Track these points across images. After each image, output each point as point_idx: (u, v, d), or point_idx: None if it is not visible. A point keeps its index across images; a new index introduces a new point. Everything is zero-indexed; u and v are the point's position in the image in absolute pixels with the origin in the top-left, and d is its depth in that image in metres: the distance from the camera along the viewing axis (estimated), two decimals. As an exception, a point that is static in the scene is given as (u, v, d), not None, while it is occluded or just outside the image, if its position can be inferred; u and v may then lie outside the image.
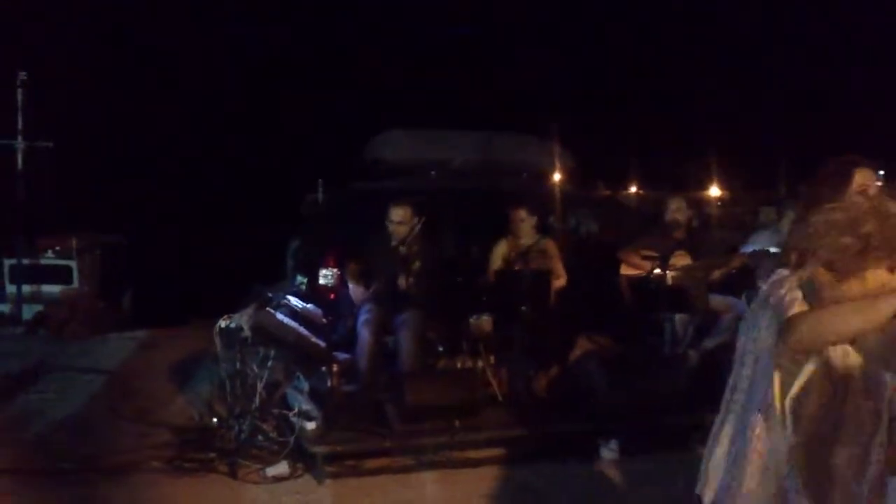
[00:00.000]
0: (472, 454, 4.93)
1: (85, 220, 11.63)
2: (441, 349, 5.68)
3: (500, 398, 5.42)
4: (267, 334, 4.92)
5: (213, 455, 4.75)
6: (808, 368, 1.90)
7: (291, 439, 4.71)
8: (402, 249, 5.55)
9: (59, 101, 12.96)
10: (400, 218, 5.61)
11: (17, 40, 12.17)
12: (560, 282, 6.13)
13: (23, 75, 9.87)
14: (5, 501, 4.25)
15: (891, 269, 1.89)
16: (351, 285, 5.68)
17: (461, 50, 17.09)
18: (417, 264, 5.57)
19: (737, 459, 2.02)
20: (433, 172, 7.31)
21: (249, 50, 16.38)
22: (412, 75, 16.56)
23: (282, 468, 4.61)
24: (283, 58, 16.74)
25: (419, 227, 5.62)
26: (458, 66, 16.81)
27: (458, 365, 5.63)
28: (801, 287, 1.95)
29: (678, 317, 5.88)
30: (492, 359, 5.63)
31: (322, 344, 5.19)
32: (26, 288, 10.01)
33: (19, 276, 9.95)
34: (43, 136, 10.29)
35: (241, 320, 4.85)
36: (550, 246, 6.25)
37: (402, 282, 5.49)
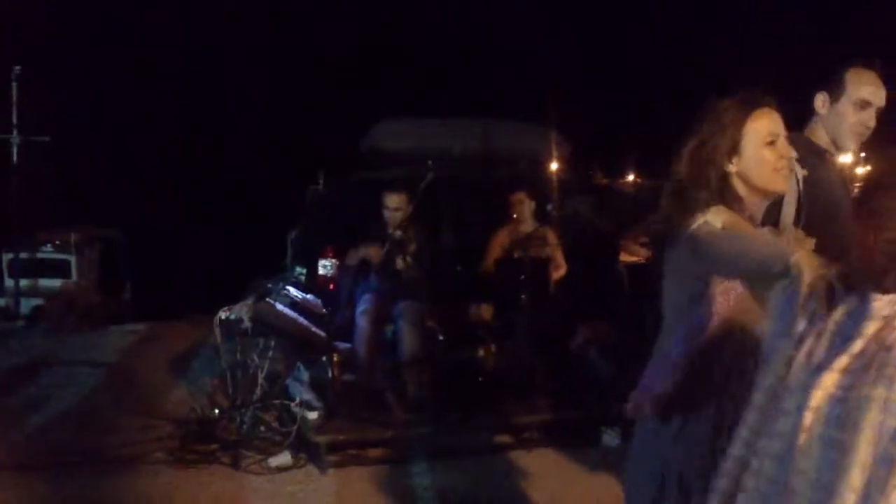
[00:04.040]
0: (473, 442, 4.94)
1: (83, 213, 11.61)
2: (441, 338, 5.69)
3: (500, 386, 5.43)
4: (267, 325, 4.93)
5: (215, 446, 4.76)
6: None
7: (293, 429, 4.72)
8: (398, 235, 5.55)
9: (56, 94, 12.92)
10: (395, 205, 5.60)
11: (12, 34, 12.11)
12: (560, 270, 6.14)
13: (17, 69, 9.83)
14: (7, 495, 4.25)
15: None
16: (351, 262, 5.65)
17: (458, 38, 17.03)
18: (413, 248, 5.57)
19: None
20: (430, 161, 7.30)
21: (246, 41, 16.30)
22: (410, 64, 16.50)
23: (284, 458, 4.62)
24: (281, 49, 16.67)
25: (412, 210, 5.60)
26: (456, 55, 16.75)
27: (459, 353, 5.64)
28: None
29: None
30: (492, 347, 5.64)
31: (322, 334, 5.19)
32: (24, 282, 10.00)
33: (17, 270, 9.94)
34: (40, 131, 10.28)
35: (240, 311, 4.86)
36: (550, 234, 6.25)
37: (398, 263, 5.48)
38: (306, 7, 17.03)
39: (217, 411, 5.08)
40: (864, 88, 2.65)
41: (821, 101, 2.72)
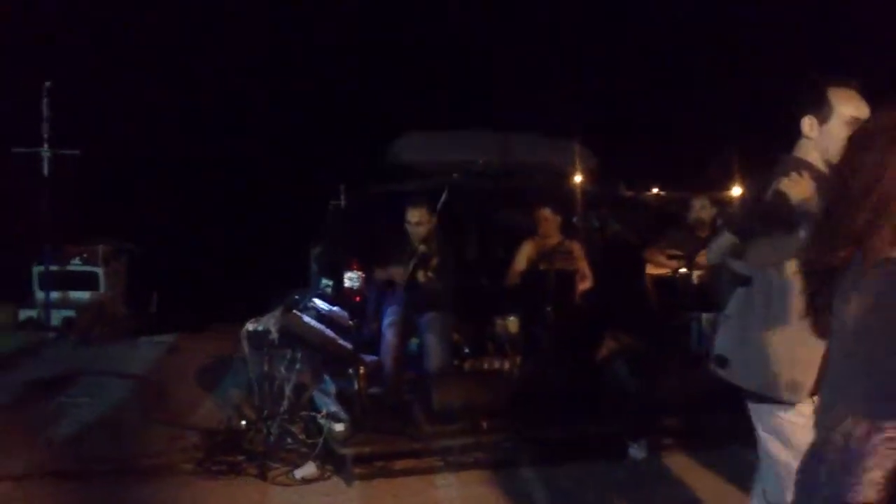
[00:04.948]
0: (500, 455, 4.93)
1: (111, 226, 11.78)
2: (467, 350, 5.68)
3: (526, 399, 5.40)
4: (294, 337, 4.94)
5: (242, 457, 4.78)
6: None
7: (320, 441, 4.73)
8: (422, 248, 5.56)
9: (86, 109, 13.14)
10: (417, 219, 5.62)
11: (43, 50, 12.34)
12: (586, 283, 6.11)
13: (48, 85, 10.00)
14: (38, 504, 4.30)
15: None
16: (378, 278, 5.67)
17: (481, 50, 17.12)
18: (435, 262, 5.58)
19: None
20: (455, 174, 7.30)
21: (271, 58, 16.50)
22: (432, 77, 16.60)
23: (310, 470, 4.63)
24: (305, 64, 16.85)
25: (434, 224, 5.62)
26: (479, 67, 16.83)
27: (485, 366, 5.63)
28: None
29: (705, 316, 5.84)
30: (518, 360, 5.63)
31: (349, 346, 5.21)
32: (54, 294, 10.16)
33: (47, 282, 10.10)
34: (70, 145, 10.45)
35: (268, 323, 4.89)
36: (576, 247, 6.23)
37: (420, 276, 5.49)
38: (329, 24, 17.22)
39: (244, 422, 5.10)
40: (851, 105, 2.67)
41: (808, 124, 2.71)
